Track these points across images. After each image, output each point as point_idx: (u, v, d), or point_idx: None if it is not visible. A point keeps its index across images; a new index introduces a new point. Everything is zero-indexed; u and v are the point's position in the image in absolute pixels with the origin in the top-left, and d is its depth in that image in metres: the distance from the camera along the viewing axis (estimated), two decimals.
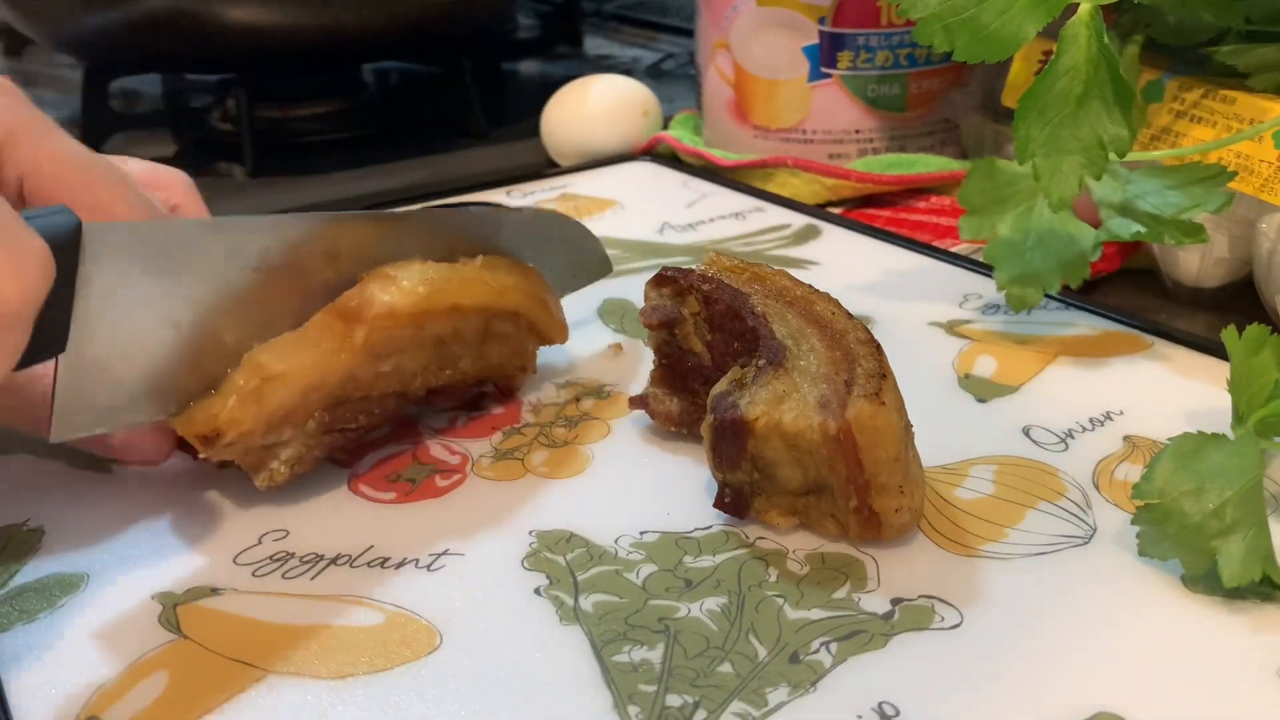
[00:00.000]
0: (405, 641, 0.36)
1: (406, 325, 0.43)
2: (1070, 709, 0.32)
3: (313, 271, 0.42)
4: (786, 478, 0.39)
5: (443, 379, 0.46)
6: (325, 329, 0.41)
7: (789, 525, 0.40)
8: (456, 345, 0.46)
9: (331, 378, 0.41)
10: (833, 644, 0.35)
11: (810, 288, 0.44)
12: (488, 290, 0.45)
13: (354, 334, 0.41)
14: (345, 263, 0.43)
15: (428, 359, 0.45)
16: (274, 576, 0.39)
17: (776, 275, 0.44)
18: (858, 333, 0.41)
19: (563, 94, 0.85)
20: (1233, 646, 0.35)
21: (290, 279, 0.42)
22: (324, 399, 0.42)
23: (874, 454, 0.37)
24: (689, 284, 0.44)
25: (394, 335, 0.42)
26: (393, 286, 0.42)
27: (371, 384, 0.43)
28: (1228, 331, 0.40)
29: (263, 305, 0.41)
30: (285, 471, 0.42)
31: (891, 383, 0.39)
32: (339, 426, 0.43)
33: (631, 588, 0.38)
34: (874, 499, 0.38)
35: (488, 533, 0.41)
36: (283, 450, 0.42)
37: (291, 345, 0.41)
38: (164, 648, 0.36)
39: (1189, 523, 0.36)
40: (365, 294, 0.42)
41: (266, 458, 0.41)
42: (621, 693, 0.33)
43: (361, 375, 0.43)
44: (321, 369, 0.41)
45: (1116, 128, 0.46)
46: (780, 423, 0.38)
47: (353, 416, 0.44)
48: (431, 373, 0.45)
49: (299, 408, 0.41)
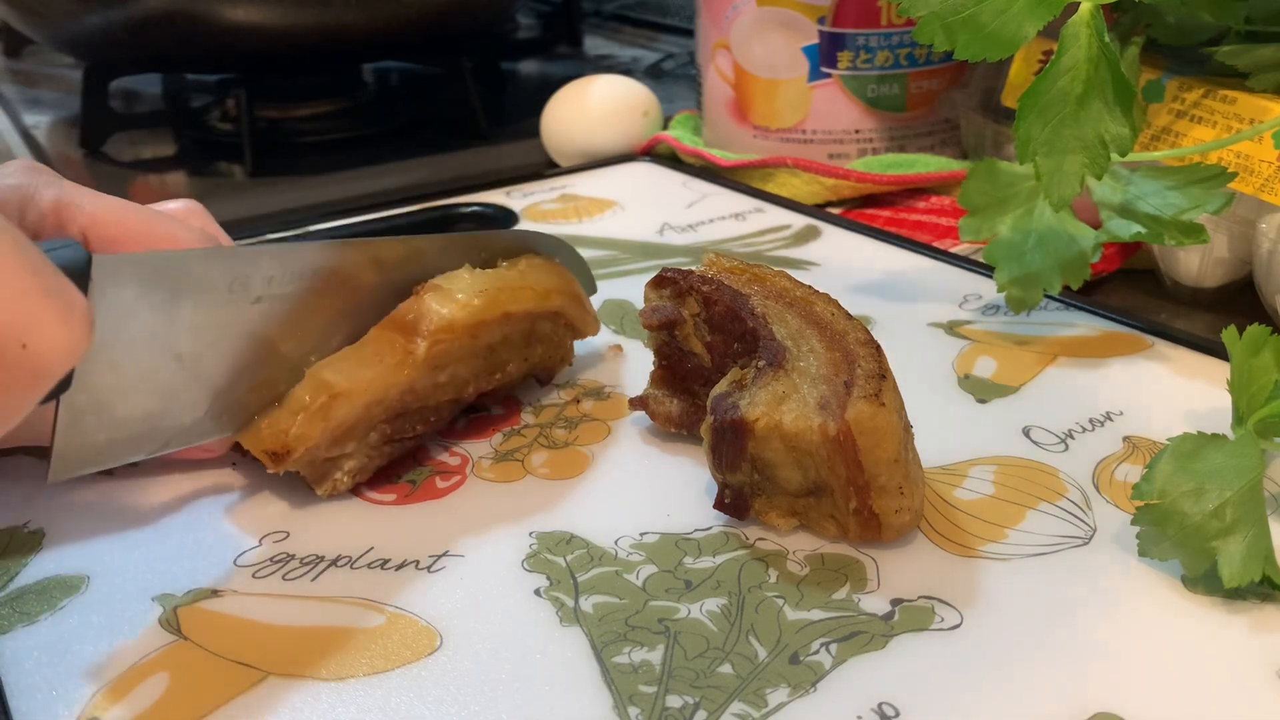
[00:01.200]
0: (406, 643, 0.36)
1: (463, 336, 0.43)
2: (1070, 709, 0.32)
3: (337, 293, 0.43)
4: (786, 479, 0.39)
5: (493, 383, 0.47)
6: (385, 343, 0.42)
7: (789, 526, 0.40)
8: (505, 350, 0.47)
9: (394, 391, 0.42)
10: (833, 645, 0.35)
11: (810, 289, 0.44)
12: (534, 295, 0.46)
13: (415, 348, 0.42)
14: (391, 272, 0.44)
15: (479, 366, 0.46)
16: (274, 578, 0.39)
17: (776, 276, 0.44)
18: (857, 333, 0.41)
19: (562, 94, 0.85)
20: (1233, 647, 0.35)
21: (313, 301, 0.42)
22: (385, 411, 0.43)
23: (874, 455, 0.37)
24: (689, 285, 0.45)
25: (451, 347, 0.43)
26: (449, 300, 0.43)
27: (429, 394, 0.44)
28: (1228, 332, 0.40)
29: (266, 339, 0.41)
30: (348, 481, 0.43)
31: (891, 384, 0.39)
32: (398, 437, 0.44)
33: (631, 589, 0.38)
34: (874, 500, 0.38)
35: (488, 534, 0.41)
36: (346, 461, 0.43)
37: (354, 361, 0.42)
38: (165, 649, 0.36)
39: (1189, 523, 0.36)
40: (422, 308, 0.43)
41: (330, 469, 0.42)
42: (622, 694, 0.33)
43: (421, 387, 0.43)
44: (384, 383, 0.42)
45: (1118, 127, 0.46)
46: (780, 424, 0.38)
47: (411, 426, 0.44)
48: (483, 379, 0.46)
49: (362, 421, 0.42)
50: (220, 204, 0.50)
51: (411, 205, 0.73)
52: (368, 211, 0.72)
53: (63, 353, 0.28)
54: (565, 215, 0.72)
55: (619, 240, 0.67)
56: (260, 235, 0.68)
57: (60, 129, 1.01)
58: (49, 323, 0.27)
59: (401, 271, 0.44)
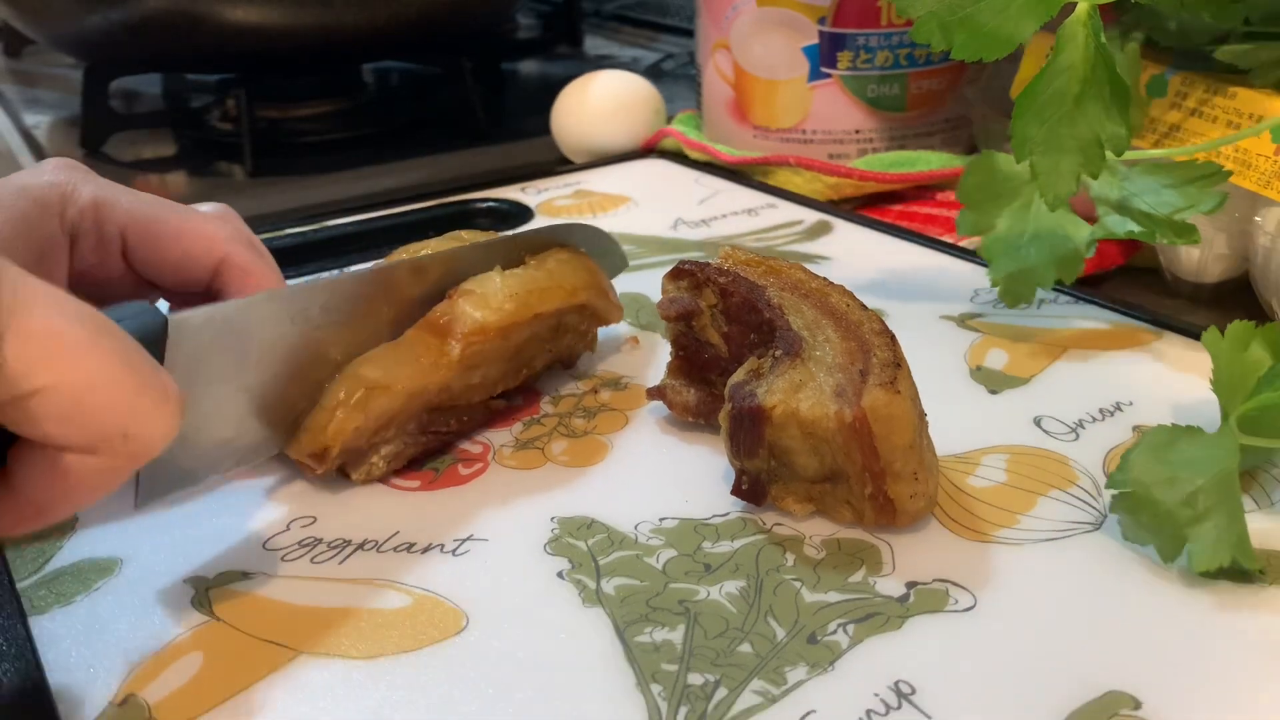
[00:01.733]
0: (433, 623, 0.36)
1: (495, 338, 0.45)
2: (1083, 688, 0.33)
3: (384, 304, 0.44)
4: (803, 465, 0.40)
5: (520, 378, 0.48)
6: (421, 344, 0.44)
7: (805, 512, 0.41)
8: (533, 346, 0.48)
9: (431, 387, 0.43)
10: (849, 625, 0.36)
11: (825, 280, 0.45)
12: (562, 293, 0.48)
13: (449, 349, 0.44)
14: (431, 279, 0.46)
15: (509, 364, 0.47)
16: (303, 561, 0.39)
17: (792, 269, 0.45)
18: (872, 324, 0.42)
19: (572, 89, 0.85)
20: (1243, 627, 0.35)
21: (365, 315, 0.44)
22: (424, 405, 0.44)
23: (889, 441, 0.38)
24: (706, 277, 0.45)
25: (484, 349, 0.45)
26: (482, 305, 0.44)
27: (463, 394, 0.45)
28: (1209, 334, 0.41)
29: (323, 356, 0.42)
30: (383, 467, 0.44)
31: (906, 372, 0.39)
32: (435, 429, 0.45)
33: (652, 572, 0.38)
34: (889, 486, 0.38)
35: (510, 519, 0.42)
36: (383, 446, 0.43)
37: (391, 358, 0.43)
38: (197, 629, 0.36)
39: (1161, 510, 0.37)
40: (456, 310, 0.44)
41: (368, 454, 0.43)
42: (644, 671, 0.34)
43: (456, 386, 0.45)
44: (422, 380, 0.43)
45: (1114, 126, 0.46)
46: (797, 411, 0.38)
47: (446, 422, 0.46)
48: (512, 375, 0.48)
49: (401, 412, 0.43)
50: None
51: (411, 205, 0.74)
52: (367, 211, 0.72)
53: (159, 437, 0.30)
54: (580, 210, 0.73)
55: (634, 235, 0.68)
56: (261, 235, 0.68)
57: (60, 129, 1.01)
58: (146, 412, 0.29)
59: (441, 276, 0.46)
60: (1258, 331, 0.41)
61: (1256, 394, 0.39)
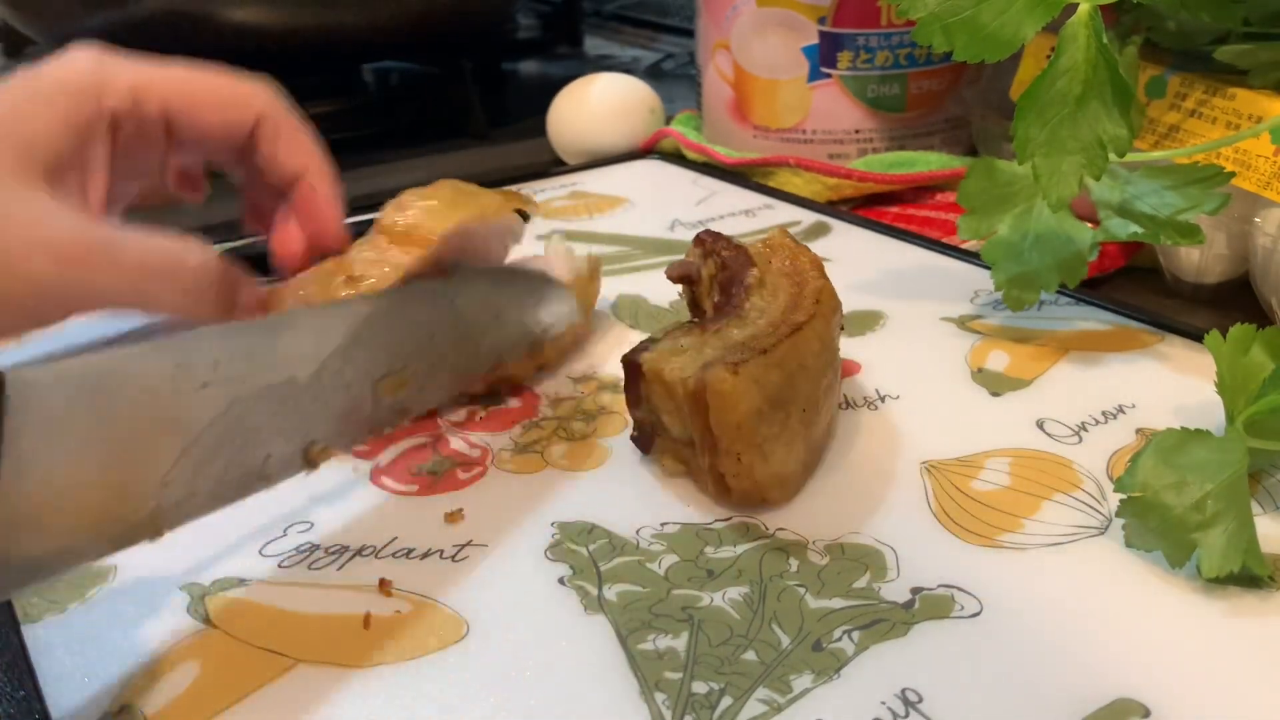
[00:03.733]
0: (433, 630, 0.36)
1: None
2: (1090, 694, 0.33)
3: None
4: (669, 424, 0.42)
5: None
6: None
7: (676, 472, 0.43)
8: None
9: None
10: (855, 632, 0.35)
11: (828, 286, 0.44)
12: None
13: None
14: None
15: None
16: (300, 567, 0.39)
17: (812, 266, 0.46)
18: (815, 323, 0.42)
19: (569, 91, 0.85)
20: (1253, 633, 0.35)
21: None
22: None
23: (720, 417, 0.39)
24: (714, 248, 0.46)
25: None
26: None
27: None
28: (1211, 336, 0.41)
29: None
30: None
31: (773, 361, 0.40)
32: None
33: (654, 578, 0.38)
34: (719, 460, 0.40)
35: (510, 524, 0.41)
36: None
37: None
38: (194, 638, 0.36)
39: (1170, 515, 0.37)
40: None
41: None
42: (648, 680, 0.34)
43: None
44: None
45: (1115, 128, 0.46)
46: (661, 372, 0.40)
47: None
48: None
49: None
50: (220, 204, 0.50)
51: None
52: (367, 212, 0.72)
53: None
54: (576, 212, 0.72)
55: (630, 236, 0.68)
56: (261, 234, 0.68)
57: None
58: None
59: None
60: (1259, 335, 0.41)
61: (1261, 397, 0.39)
